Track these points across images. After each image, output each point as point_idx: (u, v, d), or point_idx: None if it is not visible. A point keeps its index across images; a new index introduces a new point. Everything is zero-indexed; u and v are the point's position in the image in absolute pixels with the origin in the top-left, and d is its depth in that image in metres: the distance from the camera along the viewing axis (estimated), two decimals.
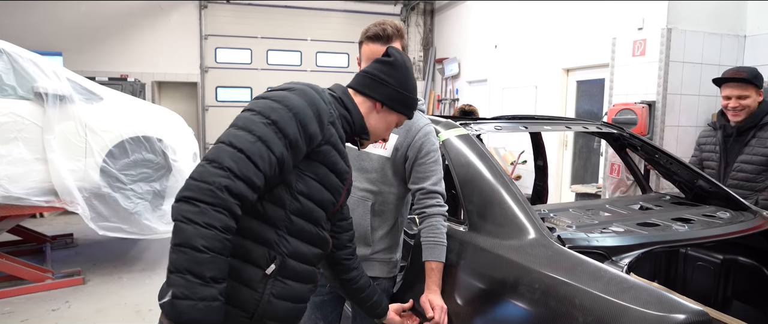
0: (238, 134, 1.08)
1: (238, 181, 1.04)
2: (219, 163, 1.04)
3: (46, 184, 3.80)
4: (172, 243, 1.01)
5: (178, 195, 1.02)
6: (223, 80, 9.24)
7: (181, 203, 1.01)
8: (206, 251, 0.99)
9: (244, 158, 1.05)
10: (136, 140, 4.09)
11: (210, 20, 9.00)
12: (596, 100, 5.64)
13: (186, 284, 0.98)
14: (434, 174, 1.68)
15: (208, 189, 1.01)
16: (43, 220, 6.34)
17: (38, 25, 7.88)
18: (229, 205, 1.02)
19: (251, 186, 1.06)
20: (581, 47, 5.54)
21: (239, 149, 1.06)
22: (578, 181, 5.91)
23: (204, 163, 1.05)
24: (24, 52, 3.86)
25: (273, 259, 1.17)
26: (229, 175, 1.03)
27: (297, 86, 1.22)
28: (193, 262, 0.99)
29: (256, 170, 1.07)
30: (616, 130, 2.51)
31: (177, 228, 1.00)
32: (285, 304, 1.22)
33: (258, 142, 1.08)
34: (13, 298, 3.76)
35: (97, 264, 4.60)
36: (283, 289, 1.21)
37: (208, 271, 1.00)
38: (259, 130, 1.09)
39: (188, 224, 0.99)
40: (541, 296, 1.32)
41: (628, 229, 1.67)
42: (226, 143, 1.07)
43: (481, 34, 8.02)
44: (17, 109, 3.71)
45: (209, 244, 0.99)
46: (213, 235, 1.00)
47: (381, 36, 1.65)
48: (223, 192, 1.01)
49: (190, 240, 0.98)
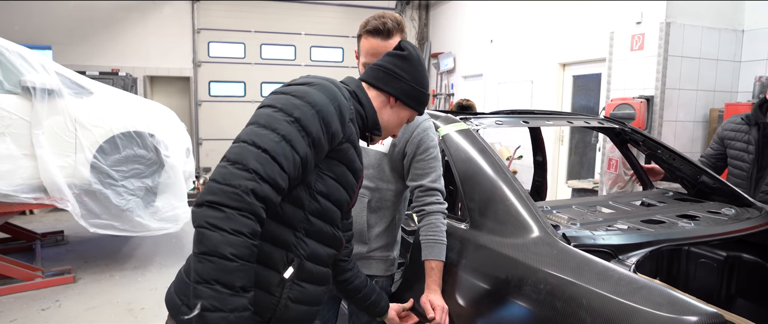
0: (261, 133, 1.02)
1: (264, 184, 0.98)
2: (243, 165, 0.97)
3: (35, 180, 3.71)
4: (197, 251, 0.94)
5: (201, 199, 0.96)
6: (216, 75, 9.14)
7: (204, 208, 0.94)
8: (235, 259, 0.94)
9: (269, 159, 1.00)
10: (128, 135, 4.00)
11: (203, 14, 8.88)
12: (593, 95, 5.62)
13: (216, 295, 0.93)
14: (433, 171, 1.63)
15: (233, 192, 0.94)
16: (33, 217, 6.23)
17: (26, 18, 7.73)
18: (256, 209, 0.97)
19: (276, 188, 1.01)
20: (578, 42, 5.51)
21: (264, 149, 1.00)
22: (574, 176, 5.90)
23: (226, 164, 0.98)
24: (10, 45, 3.76)
25: (291, 261, 1.13)
26: (255, 177, 0.97)
27: (316, 80, 1.16)
28: (221, 271, 0.93)
29: (282, 172, 1.01)
30: (617, 125, 2.48)
31: (201, 235, 0.93)
32: (301, 307, 1.17)
33: (282, 142, 1.02)
34: (2, 297, 3.68)
35: (88, 262, 4.53)
36: (300, 293, 1.16)
37: (238, 280, 0.95)
38: (282, 128, 1.03)
39: (214, 231, 0.92)
40: (546, 297, 1.27)
41: (633, 226, 1.63)
42: (249, 143, 1.00)
43: (476, 29, 7.96)
44: (4, 104, 3.62)
45: (238, 251, 0.94)
46: (241, 242, 0.94)
47: (381, 30, 1.59)
48: (250, 195, 0.96)
49: (217, 248, 0.92)
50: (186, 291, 1.13)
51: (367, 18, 1.65)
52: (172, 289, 1.17)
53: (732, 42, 4.11)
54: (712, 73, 4.10)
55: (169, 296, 1.17)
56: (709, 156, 2.90)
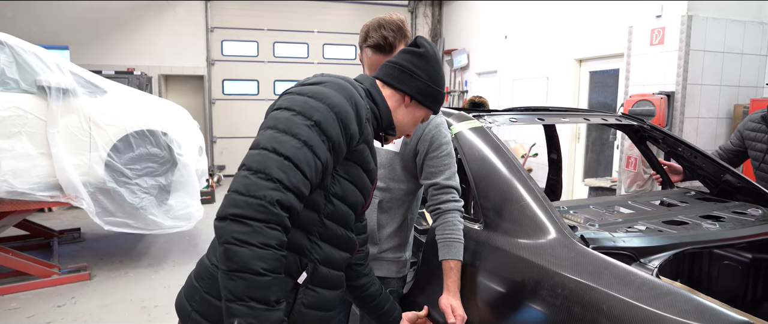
0: (281, 139, 0.97)
1: (288, 193, 0.94)
2: (267, 174, 0.93)
3: (51, 178, 3.75)
4: (226, 269, 0.91)
5: (224, 212, 0.92)
6: (229, 73, 9.18)
7: (228, 223, 0.91)
8: (267, 273, 0.91)
9: (293, 167, 0.96)
10: (141, 134, 4.02)
11: (216, 12, 8.92)
12: (610, 92, 5.50)
13: (252, 313, 0.91)
14: (448, 168, 1.59)
15: (259, 204, 0.91)
16: (51, 214, 6.33)
17: (44, 19, 7.85)
18: (283, 219, 0.93)
19: (300, 197, 0.97)
20: (595, 37, 5.39)
21: (286, 156, 0.96)
22: (591, 174, 5.78)
23: (247, 174, 0.94)
24: (27, 45, 3.80)
25: (304, 266, 1.09)
26: (280, 187, 0.93)
27: (331, 79, 1.12)
28: (255, 287, 0.91)
29: (305, 179, 0.98)
30: (636, 122, 2.40)
31: (230, 252, 0.90)
32: (315, 313, 1.14)
33: (304, 148, 0.98)
34: (20, 293, 3.73)
35: (103, 259, 4.57)
36: (314, 298, 1.13)
37: (273, 294, 0.93)
38: (303, 133, 0.99)
39: (243, 246, 0.89)
40: (563, 301, 1.22)
41: (655, 227, 1.56)
42: (269, 149, 0.96)
43: (490, 25, 7.86)
44: (20, 103, 3.66)
45: (269, 265, 0.91)
46: (271, 255, 0.92)
47: (383, 46, 1.54)
48: (276, 206, 0.92)
49: (248, 264, 0.89)
50: (195, 296, 1.11)
51: (367, 26, 1.59)
52: (182, 294, 1.15)
53: (757, 35, 3.97)
54: (736, 67, 3.97)
55: (179, 301, 1.15)
56: (728, 150, 2.79)
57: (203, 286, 1.10)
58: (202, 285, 1.11)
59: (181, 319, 1.12)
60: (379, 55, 1.54)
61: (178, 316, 1.13)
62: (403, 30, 1.56)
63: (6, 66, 3.67)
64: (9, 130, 3.61)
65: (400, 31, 1.55)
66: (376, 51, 1.55)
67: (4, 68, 3.66)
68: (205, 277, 1.11)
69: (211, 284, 1.09)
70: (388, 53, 1.53)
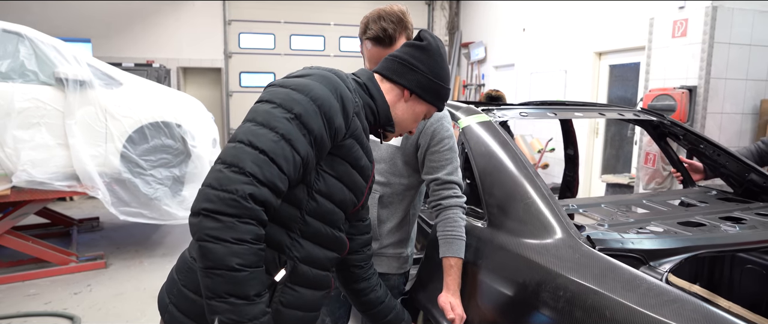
0: (258, 132, 0.95)
1: (262, 188, 0.92)
2: (240, 168, 0.91)
3: (68, 169, 3.82)
4: (202, 266, 0.90)
5: (196, 207, 0.90)
6: (246, 66, 9.23)
7: (201, 218, 0.89)
8: (243, 269, 0.90)
9: (268, 161, 0.93)
10: (156, 126, 4.07)
11: (233, 5, 8.96)
12: (631, 86, 5.35)
13: (232, 308, 0.90)
14: (450, 163, 1.54)
15: (231, 199, 0.89)
16: (72, 203, 6.48)
17: (68, 13, 7.99)
18: (256, 213, 0.92)
19: (276, 191, 0.95)
20: (615, 29, 5.24)
21: (261, 150, 0.94)
22: (609, 170, 5.65)
23: (221, 168, 0.92)
24: (46, 38, 3.87)
25: (283, 264, 1.06)
26: (253, 180, 0.91)
27: (317, 72, 1.08)
28: (232, 283, 0.90)
29: (281, 173, 0.95)
30: (655, 118, 2.31)
31: (204, 249, 0.88)
32: (294, 313, 1.11)
33: (281, 141, 0.95)
34: (39, 280, 3.83)
35: (120, 248, 4.66)
36: (294, 297, 1.10)
37: (251, 288, 0.92)
38: (282, 126, 0.96)
39: (217, 243, 0.88)
40: (565, 305, 1.17)
41: (669, 229, 1.50)
42: (245, 143, 0.94)
43: (508, 17, 7.72)
44: (39, 95, 3.73)
45: (244, 260, 0.90)
46: (246, 250, 0.90)
47: (382, 38, 1.49)
48: (248, 201, 0.90)
49: (223, 261, 0.88)
50: (173, 289, 1.10)
51: (367, 18, 1.54)
52: (163, 288, 1.14)
53: None
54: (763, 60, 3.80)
55: (160, 294, 1.14)
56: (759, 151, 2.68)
57: (181, 280, 1.09)
58: (181, 278, 1.10)
59: (161, 311, 1.12)
60: (378, 48, 1.50)
61: (159, 309, 1.12)
62: (404, 22, 1.50)
63: (26, 58, 3.74)
64: (28, 121, 3.69)
65: (401, 22, 1.49)
66: (376, 44, 1.50)
67: (23, 60, 3.73)
68: (183, 270, 1.10)
69: (189, 277, 1.07)
70: (389, 46, 1.48)
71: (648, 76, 4.09)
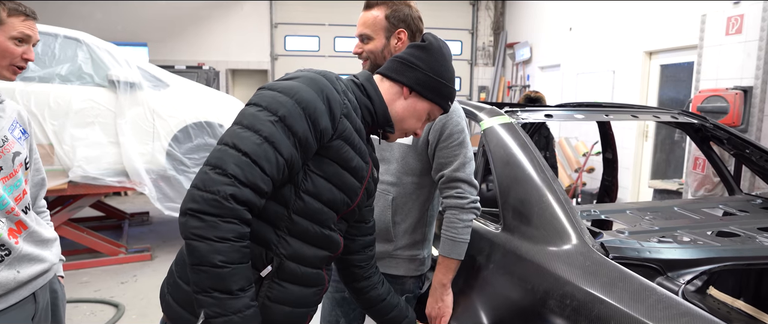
0: (242, 135, 0.99)
1: (244, 189, 0.96)
2: (222, 170, 0.95)
3: (119, 165, 4.07)
4: (189, 262, 0.96)
5: (183, 207, 0.96)
6: (291, 67, 9.37)
7: (188, 218, 0.95)
8: (226, 265, 0.95)
9: (250, 162, 0.97)
10: (199, 125, 4.26)
11: (280, 8, 9.21)
12: (683, 87, 5.05)
13: (216, 302, 0.95)
14: (457, 158, 1.51)
15: (213, 199, 0.93)
16: (126, 198, 6.88)
17: (127, 18, 8.50)
18: (238, 212, 0.96)
19: (258, 192, 0.99)
20: (667, 27, 4.96)
21: (244, 152, 0.97)
22: (659, 175, 5.36)
23: (207, 170, 0.97)
24: (101, 43, 4.14)
25: (270, 260, 1.10)
26: (234, 182, 0.95)
27: (305, 74, 1.11)
28: (216, 279, 0.95)
29: (263, 175, 0.98)
30: (696, 120, 2.18)
31: (190, 246, 0.94)
32: (282, 308, 1.13)
33: (264, 144, 0.98)
34: (91, 268, 4.09)
35: (166, 241, 4.90)
36: (280, 292, 1.12)
37: (234, 283, 0.96)
38: (265, 129, 0.99)
39: (201, 242, 0.93)
40: (571, 314, 1.13)
41: (695, 238, 1.41)
42: (230, 146, 0.98)
43: (554, 16, 7.49)
44: (94, 96, 4.00)
45: (227, 257, 0.95)
46: (228, 248, 0.95)
47: (367, 4, 1.52)
48: (230, 201, 0.94)
49: (206, 258, 0.93)
50: (170, 280, 1.16)
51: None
52: (164, 280, 1.19)
53: None
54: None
55: (162, 285, 1.19)
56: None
57: (177, 271, 1.14)
58: (177, 270, 1.15)
59: (160, 299, 1.17)
60: (362, 12, 1.53)
61: (160, 298, 1.18)
62: (391, 1, 1.49)
63: (83, 62, 4.02)
64: (84, 120, 3.96)
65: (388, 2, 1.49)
66: (363, 9, 1.54)
67: (81, 64, 4.01)
68: (179, 262, 1.15)
69: (183, 269, 1.12)
70: (366, 10, 1.51)
71: (699, 77, 3.85)
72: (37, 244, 1.42)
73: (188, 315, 1.09)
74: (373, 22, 1.49)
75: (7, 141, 1.35)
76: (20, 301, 1.37)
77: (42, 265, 1.42)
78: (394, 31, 1.49)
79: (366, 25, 1.50)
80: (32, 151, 1.50)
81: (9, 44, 1.32)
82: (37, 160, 1.55)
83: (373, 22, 1.49)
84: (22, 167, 1.41)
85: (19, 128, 1.44)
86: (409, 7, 1.51)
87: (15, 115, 1.44)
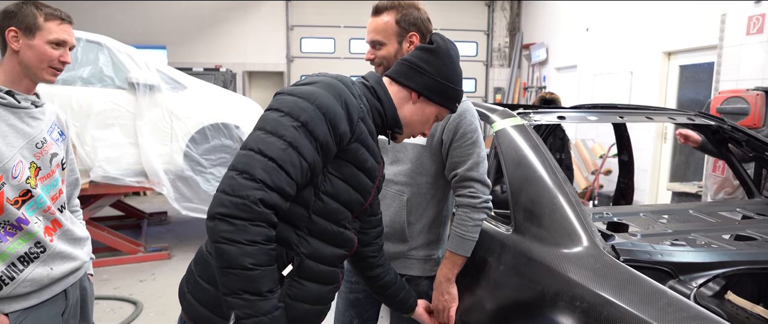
0: (267, 140, 1.02)
1: (271, 193, 0.99)
2: (250, 175, 0.98)
3: (138, 166, 4.16)
4: (218, 265, 0.99)
5: (212, 211, 0.99)
6: (307, 69, 9.53)
7: (216, 222, 0.97)
8: (256, 268, 0.98)
9: (276, 168, 1.00)
10: (216, 127, 4.33)
11: (296, 11, 9.30)
12: (703, 88, 4.95)
13: (246, 304, 0.98)
14: (470, 157, 1.52)
15: (242, 203, 0.96)
16: (145, 198, 7.01)
17: (147, 21, 8.67)
18: (266, 216, 0.99)
19: (284, 195, 1.02)
20: (686, 27, 4.88)
21: (270, 158, 1.00)
22: (678, 178, 5.26)
23: (234, 174, 1.00)
24: (121, 46, 4.24)
25: (291, 259, 1.13)
26: (263, 186, 0.98)
27: (323, 79, 1.14)
28: (246, 281, 0.98)
29: (289, 179, 1.02)
30: (713, 122, 2.14)
31: (220, 250, 0.97)
32: (301, 305, 1.17)
33: (289, 149, 1.02)
34: (111, 267, 4.19)
35: (183, 240, 4.98)
36: (300, 291, 1.16)
37: (264, 285, 1.00)
38: (289, 134, 1.02)
39: (231, 245, 0.96)
40: (580, 316, 1.13)
41: (709, 241, 1.39)
42: (255, 151, 1.01)
43: (571, 17, 7.42)
44: (115, 98, 4.10)
45: (256, 260, 0.98)
46: (257, 250, 0.98)
47: (376, 8, 1.53)
48: (259, 205, 0.97)
49: (236, 261, 0.97)
50: (190, 279, 1.19)
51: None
52: (183, 278, 1.22)
53: None
54: None
55: (180, 284, 1.22)
56: None
57: (197, 271, 1.18)
58: (197, 269, 1.18)
59: (180, 299, 1.21)
60: (371, 18, 1.53)
61: (178, 297, 1.21)
62: (398, 6, 1.49)
63: (104, 65, 4.12)
64: (105, 121, 4.06)
65: (396, 6, 1.50)
66: (371, 14, 1.54)
67: (102, 67, 4.11)
68: (200, 262, 1.18)
69: (204, 269, 1.15)
70: (375, 15, 1.52)
71: (718, 77, 3.78)
72: (70, 243, 1.48)
73: (210, 314, 1.12)
74: (384, 27, 1.50)
75: (46, 142, 1.41)
76: (52, 297, 1.42)
77: (74, 262, 1.48)
78: (405, 35, 1.50)
79: (377, 32, 1.51)
80: (68, 152, 1.57)
81: (46, 48, 1.37)
82: (72, 160, 1.61)
83: (384, 27, 1.50)
84: (59, 167, 1.48)
85: (57, 130, 1.51)
86: (418, 10, 1.52)
87: (54, 117, 1.51)
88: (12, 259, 1.32)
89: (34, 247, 1.36)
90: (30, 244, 1.35)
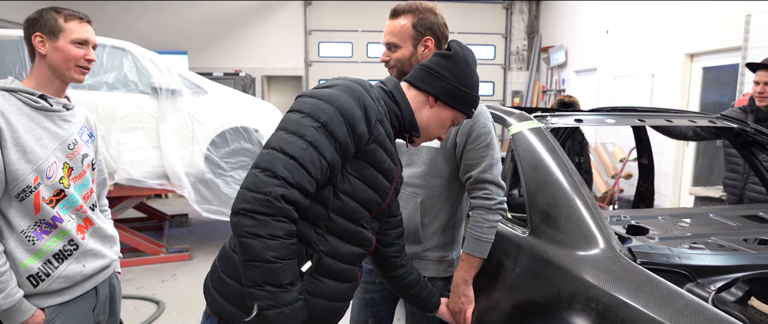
0: (289, 140, 1.07)
1: (293, 190, 1.04)
2: (273, 172, 1.03)
3: (160, 169, 4.25)
4: (242, 259, 1.04)
5: (235, 206, 1.03)
6: (325, 73, 9.61)
7: (240, 217, 1.02)
8: (277, 261, 1.02)
9: (297, 166, 1.05)
10: (236, 130, 4.40)
11: (314, 16, 9.40)
12: (728, 90, 4.85)
13: (268, 296, 1.03)
14: (484, 160, 1.53)
15: (265, 199, 1.01)
16: (167, 200, 7.15)
17: (168, 27, 8.88)
18: (288, 212, 1.04)
19: (304, 193, 1.07)
20: (709, 28, 4.79)
21: (291, 156, 1.05)
22: (701, 182, 5.15)
23: (257, 172, 1.04)
24: (144, 52, 4.35)
25: (309, 256, 1.17)
26: (284, 183, 1.03)
27: (343, 82, 1.18)
28: (269, 274, 1.02)
29: (309, 177, 1.06)
30: (735, 124, 2.11)
31: (243, 244, 1.01)
32: (320, 301, 1.20)
33: (310, 148, 1.06)
34: (134, 267, 4.28)
35: (204, 242, 5.07)
36: (319, 287, 1.19)
37: (285, 278, 1.04)
38: (309, 134, 1.07)
39: (254, 239, 1.01)
40: (596, 317, 1.13)
41: (729, 245, 1.38)
42: (277, 150, 1.06)
43: (590, 19, 7.34)
44: (138, 103, 4.20)
45: (278, 253, 1.02)
46: (279, 244, 1.02)
47: (393, 11, 1.55)
48: (280, 201, 1.02)
49: (260, 254, 1.01)
50: (214, 275, 1.23)
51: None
52: (208, 274, 1.26)
53: None
54: None
55: (205, 280, 1.26)
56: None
57: (221, 267, 1.22)
58: (221, 265, 1.22)
59: (204, 294, 1.25)
60: (389, 20, 1.55)
61: (203, 292, 1.24)
62: (415, 9, 1.51)
63: (128, 70, 4.24)
64: (129, 125, 4.17)
65: (412, 8, 1.52)
66: (389, 17, 1.57)
67: (126, 72, 4.23)
68: (223, 258, 1.23)
69: (228, 265, 1.19)
70: (393, 18, 1.55)
71: (743, 79, 3.70)
72: (101, 241, 1.54)
73: (234, 309, 1.16)
74: (400, 30, 1.52)
75: (77, 144, 1.48)
76: (84, 293, 1.49)
77: (104, 260, 1.54)
78: (421, 39, 1.52)
79: (393, 34, 1.53)
80: (97, 153, 1.63)
81: (71, 48, 1.44)
82: (100, 161, 1.68)
83: (400, 30, 1.52)
84: (90, 168, 1.54)
85: (87, 132, 1.57)
86: (435, 15, 1.54)
87: (83, 119, 1.57)
88: (48, 256, 1.39)
89: (67, 244, 1.43)
90: (64, 242, 1.42)
